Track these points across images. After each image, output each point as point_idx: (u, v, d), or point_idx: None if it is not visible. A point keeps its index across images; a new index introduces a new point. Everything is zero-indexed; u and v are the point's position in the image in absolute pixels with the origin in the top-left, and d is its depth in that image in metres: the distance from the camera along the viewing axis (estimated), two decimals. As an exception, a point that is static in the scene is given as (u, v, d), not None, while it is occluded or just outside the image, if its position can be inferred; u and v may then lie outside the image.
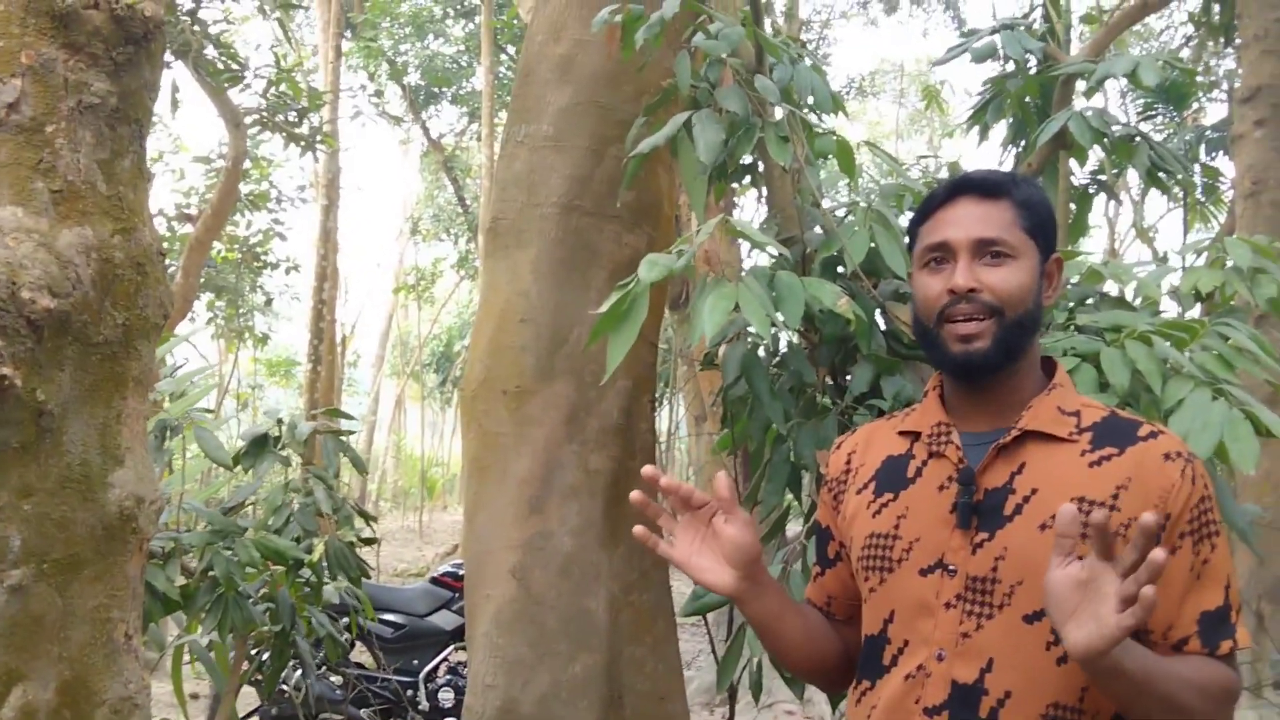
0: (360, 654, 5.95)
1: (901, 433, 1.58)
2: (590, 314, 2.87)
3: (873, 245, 2.59)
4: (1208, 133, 10.70)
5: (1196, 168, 10.93)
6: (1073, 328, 2.52)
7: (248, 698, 5.16)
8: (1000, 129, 3.98)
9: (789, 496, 2.74)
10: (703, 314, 2.23)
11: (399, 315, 26.18)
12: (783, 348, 2.86)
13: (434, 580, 6.00)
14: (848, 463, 1.64)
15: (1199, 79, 11.67)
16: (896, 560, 1.48)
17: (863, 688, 1.52)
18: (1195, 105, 12.38)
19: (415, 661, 5.70)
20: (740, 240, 3.03)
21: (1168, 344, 2.28)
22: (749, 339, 2.77)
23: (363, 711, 5.35)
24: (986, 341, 1.43)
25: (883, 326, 2.75)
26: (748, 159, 3.04)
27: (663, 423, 15.08)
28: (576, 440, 2.88)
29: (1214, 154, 10.69)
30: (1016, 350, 1.45)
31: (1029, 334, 1.47)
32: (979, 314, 1.44)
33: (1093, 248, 18.60)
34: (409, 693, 5.55)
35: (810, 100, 2.83)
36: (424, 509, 21.05)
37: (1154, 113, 11.34)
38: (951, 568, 1.42)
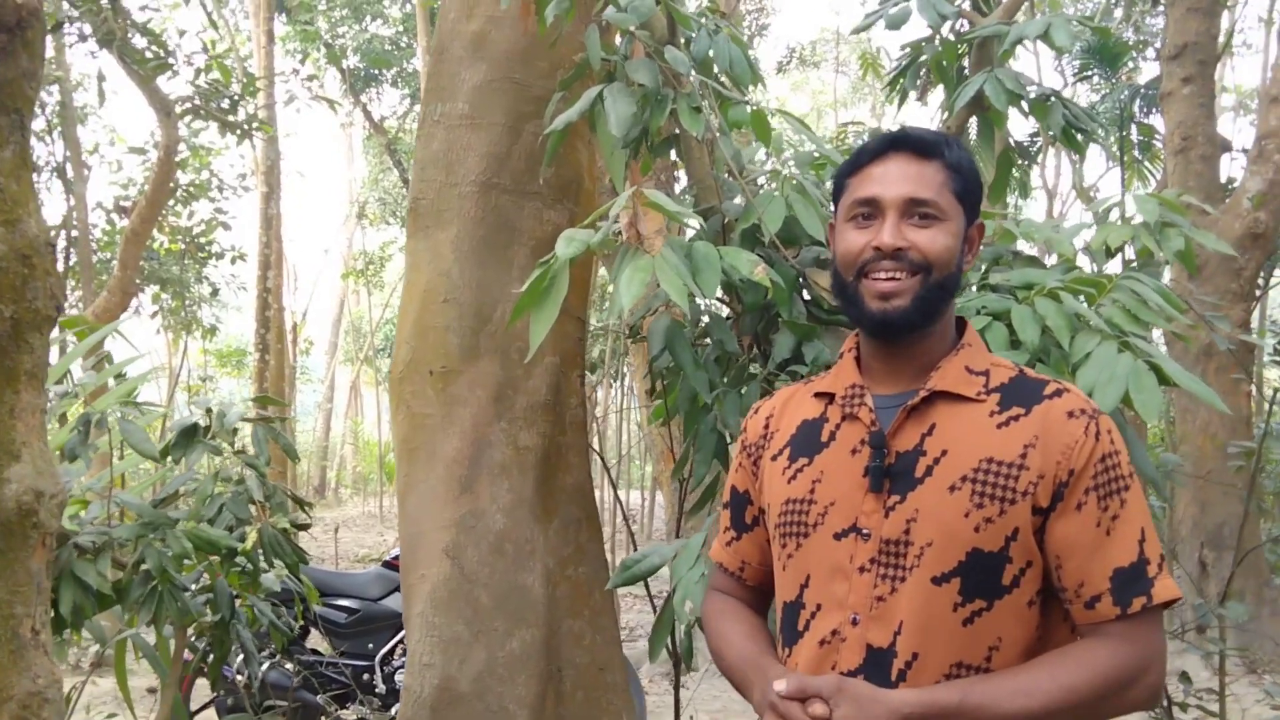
0: (320, 640, 5.94)
1: (817, 395, 1.57)
2: (513, 292, 2.88)
3: (791, 213, 2.60)
4: (1142, 91, 10.84)
5: (1133, 126, 11.08)
6: (986, 287, 2.56)
7: (207, 689, 5.15)
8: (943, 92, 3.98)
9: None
10: (620, 287, 2.24)
11: (350, 301, 25.98)
12: (705, 318, 2.88)
13: (386, 564, 5.99)
14: (766, 427, 1.63)
15: (1131, 38, 11.81)
16: (812, 525, 1.47)
17: (786, 652, 1.51)
18: (1130, 65, 12.52)
19: (370, 645, 5.70)
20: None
21: (1080, 299, 2.32)
22: (672, 310, 2.78)
23: (319, 697, 5.35)
24: (906, 300, 1.43)
25: (807, 295, 2.78)
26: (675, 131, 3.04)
27: (619, 396, 15.12)
28: (505, 418, 2.89)
29: (1148, 112, 10.83)
30: (934, 311, 1.45)
31: (948, 296, 1.47)
32: (902, 271, 1.43)
33: (1035, 210, 18.84)
34: (364, 676, 5.55)
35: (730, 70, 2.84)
36: (384, 494, 20.95)
37: (1090, 73, 11.46)
38: (865, 531, 1.42)
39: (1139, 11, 11.92)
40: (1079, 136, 3.16)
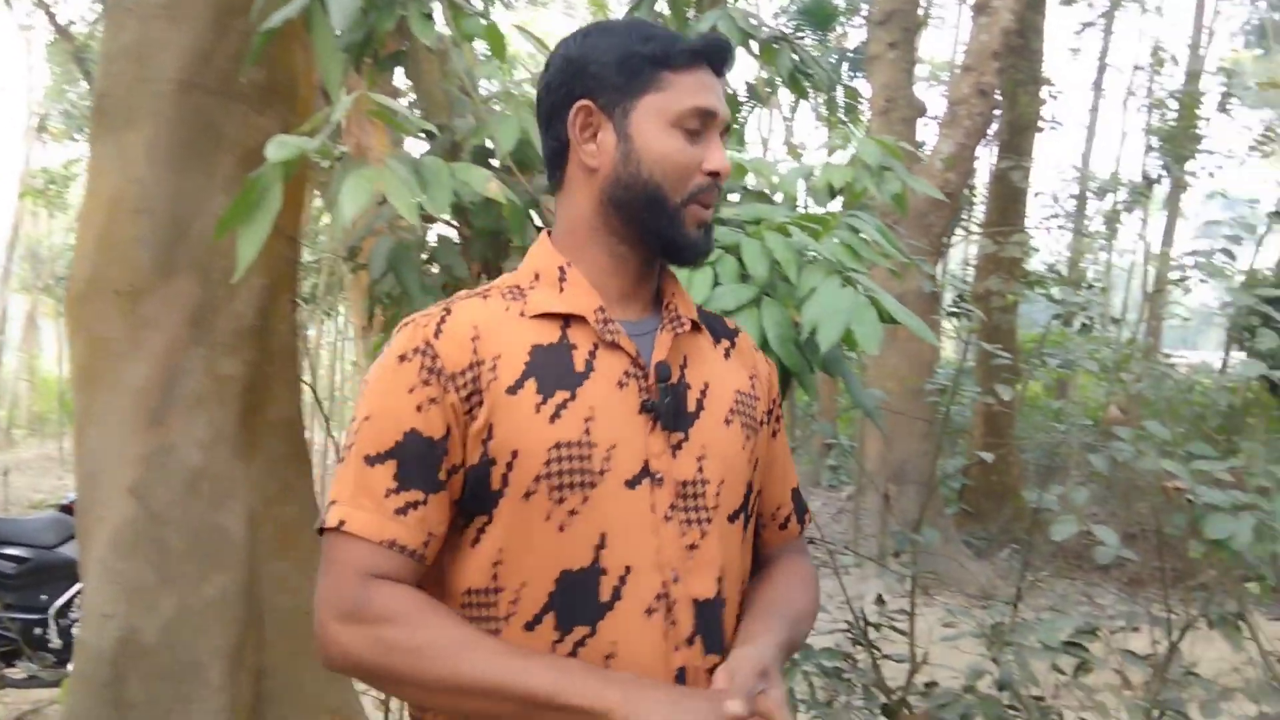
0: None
1: (542, 316, 1.27)
2: (216, 203, 2.60)
3: (525, 135, 2.48)
4: (849, 54, 11.44)
5: (840, 88, 11.68)
6: (717, 220, 2.55)
7: None
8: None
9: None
10: (342, 198, 2.05)
11: (28, 223, 23.54)
12: (433, 241, 2.73)
13: (64, 508, 5.47)
14: (474, 352, 1.24)
15: (843, 3, 12.40)
16: (599, 472, 1.21)
17: (577, 635, 1.20)
18: (841, 30, 13.14)
19: (44, 597, 5.19)
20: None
21: (807, 236, 2.35)
22: (397, 231, 2.61)
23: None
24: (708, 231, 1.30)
25: (537, 221, 2.68)
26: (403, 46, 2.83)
27: (333, 334, 14.54)
28: (203, 344, 2.62)
29: (855, 75, 11.44)
30: None
31: None
32: (713, 202, 1.29)
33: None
34: (36, 631, 5.04)
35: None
36: (64, 435, 19.22)
37: (802, 35, 11.96)
38: (658, 475, 1.23)
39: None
40: (806, 84, 3.22)
